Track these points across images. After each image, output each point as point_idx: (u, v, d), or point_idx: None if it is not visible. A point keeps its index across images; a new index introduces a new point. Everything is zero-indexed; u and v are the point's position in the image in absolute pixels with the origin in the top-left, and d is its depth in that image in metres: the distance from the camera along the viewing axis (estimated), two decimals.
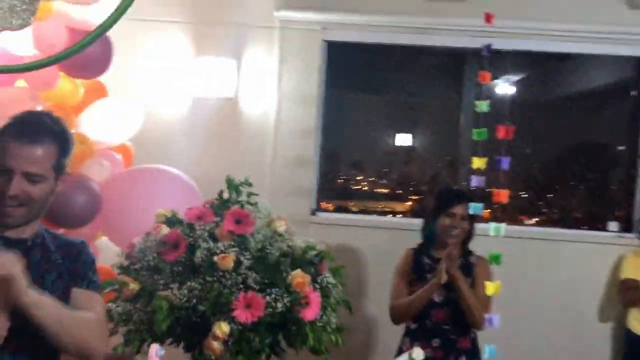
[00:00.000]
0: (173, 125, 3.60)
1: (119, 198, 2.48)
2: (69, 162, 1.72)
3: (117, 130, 2.73)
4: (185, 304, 1.71)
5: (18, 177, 1.55)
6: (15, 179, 1.54)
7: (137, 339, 1.78)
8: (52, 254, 1.68)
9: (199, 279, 1.75)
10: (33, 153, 1.56)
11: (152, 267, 1.84)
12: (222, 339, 1.66)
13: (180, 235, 1.84)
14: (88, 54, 2.53)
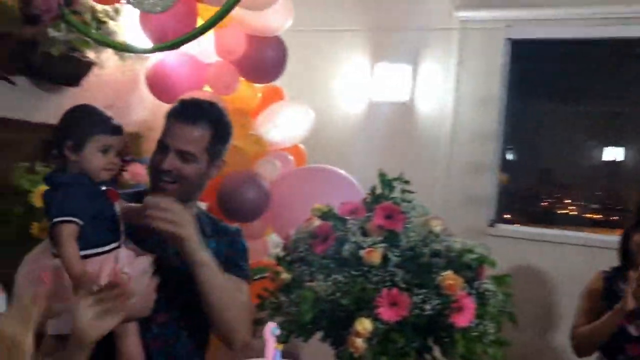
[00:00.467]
0: (348, 129, 3.65)
1: (287, 195, 2.57)
2: (225, 151, 1.81)
3: (289, 133, 2.84)
4: (330, 296, 1.67)
5: (172, 154, 1.69)
6: (169, 155, 1.68)
7: (285, 330, 1.78)
8: (207, 238, 1.78)
9: (344, 273, 1.70)
10: (187, 133, 1.70)
11: (303, 259, 1.84)
12: (364, 335, 1.59)
13: (330, 228, 1.82)
14: (264, 59, 2.69)
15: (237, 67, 2.67)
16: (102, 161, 1.52)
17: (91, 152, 1.50)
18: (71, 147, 1.51)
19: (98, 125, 1.53)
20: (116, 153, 1.56)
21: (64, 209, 1.44)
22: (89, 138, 1.50)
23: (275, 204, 2.59)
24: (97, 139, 1.51)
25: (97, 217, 1.49)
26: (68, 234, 1.43)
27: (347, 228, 1.84)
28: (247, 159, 2.64)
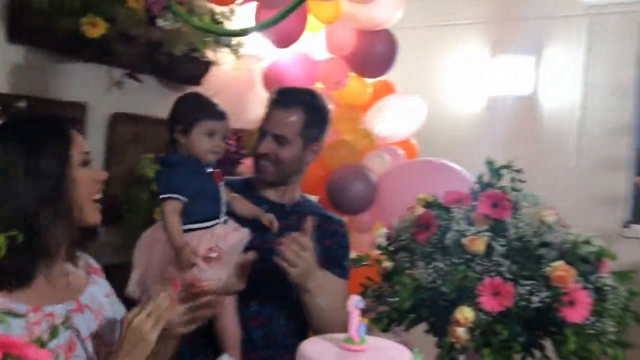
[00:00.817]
0: (465, 125, 3.54)
1: (396, 189, 2.55)
2: (322, 136, 1.85)
3: (399, 126, 2.81)
4: (430, 284, 1.63)
5: (269, 138, 1.77)
6: (266, 139, 1.76)
7: (386, 318, 1.77)
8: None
9: (446, 261, 1.65)
10: (281, 117, 1.77)
11: (405, 247, 1.82)
12: (465, 325, 1.53)
13: (432, 216, 1.78)
14: (374, 53, 2.69)
15: (347, 63, 2.69)
16: (208, 144, 1.62)
17: (198, 136, 1.61)
18: (180, 132, 1.63)
19: (204, 111, 1.64)
20: (221, 137, 1.65)
21: (169, 187, 1.57)
22: (196, 123, 1.61)
23: (384, 197, 2.58)
24: (203, 124, 1.62)
25: (200, 194, 1.60)
26: (171, 209, 1.55)
27: (450, 217, 1.79)
28: (356, 153, 2.65)
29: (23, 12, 1.92)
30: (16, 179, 1.24)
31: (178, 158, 1.62)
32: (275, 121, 1.79)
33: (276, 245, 1.68)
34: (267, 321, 1.74)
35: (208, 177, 1.65)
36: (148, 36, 2.30)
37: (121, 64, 2.25)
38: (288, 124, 1.79)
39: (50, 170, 1.27)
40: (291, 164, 1.84)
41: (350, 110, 2.77)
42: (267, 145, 1.78)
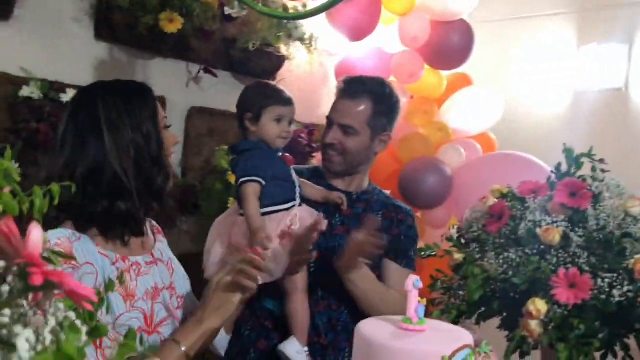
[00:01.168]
0: (549, 119, 3.37)
1: (472, 182, 2.47)
2: (391, 125, 1.82)
3: (476, 120, 2.73)
4: (501, 275, 1.57)
5: (335, 127, 1.75)
6: (333, 129, 1.75)
7: (455, 310, 1.72)
8: (375, 211, 1.80)
9: (518, 252, 1.58)
10: (348, 107, 1.76)
11: (476, 239, 1.76)
12: (538, 317, 1.46)
13: (505, 206, 1.71)
14: (449, 44, 2.63)
15: (421, 55, 2.65)
16: (277, 129, 1.66)
17: (267, 122, 1.66)
18: (250, 119, 1.67)
19: (272, 97, 1.67)
20: (288, 123, 1.69)
21: (247, 170, 1.61)
22: (265, 109, 1.65)
23: (460, 191, 2.51)
24: (271, 109, 1.65)
25: (276, 177, 1.64)
26: (251, 192, 1.59)
27: (525, 207, 1.71)
28: (430, 146, 2.60)
29: (108, 11, 2.04)
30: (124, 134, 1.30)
31: (250, 144, 1.67)
32: (342, 111, 1.78)
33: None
34: (332, 307, 1.73)
35: (280, 160, 1.69)
36: (223, 32, 2.38)
37: (198, 60, 2.33)
38: (355, 114, 1.78)
39: (150, 129, 1.34)
40: (358, 154, 1.82)
41: (425, 103, 2.72)
42: (333, 135, 1.78)
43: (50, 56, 1.98)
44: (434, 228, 2.57)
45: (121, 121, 1.31)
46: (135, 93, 1.37)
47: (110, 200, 1.27)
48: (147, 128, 1.33)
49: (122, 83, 1.44)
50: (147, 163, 1.32)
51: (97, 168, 1.28)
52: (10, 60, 1.87)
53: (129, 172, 1.29)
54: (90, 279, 1.23)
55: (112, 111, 1.31)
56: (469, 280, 1.63)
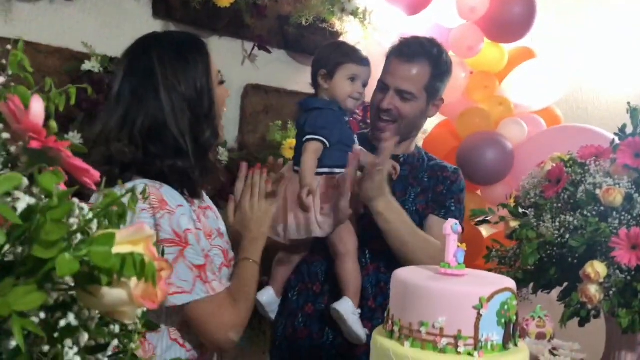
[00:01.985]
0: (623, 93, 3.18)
1: (534, 157, 2.35)
2: (443, 89, 1.76)
3: (539, 94, 2.61)
4: (558, 239, 1.50)
5: (392, 92, 1.70)
6: (389, 94, 1.70)
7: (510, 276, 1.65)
8: (420, 173, 1.76)
9: (576, 215, 1.51)
10: (406, 71, 1.69)
11: (533, 204, 1.69)
12: (596, 281, 1.38)
13: (562, 169, 1.63)
14: (510, 16, 2.53)
15: (480, 28, 2.56)
16: (350, 89, 1.63)
17: (340, 80, 1.63)
18: (324, 75, 1.65)
19: (347, 55, 1.65)
20: (362, 84, 1.65)
21: (316, 129, 1.60)
22: (339, 66, 1.63)
23: (522, 166, 2.40)
24: (346, 67, 1.63)
25: (341, 141, 1.62)
26: (314, 149, 1.59)
27: (585, 170, 1.63)
28: (491, 121, 2.51)
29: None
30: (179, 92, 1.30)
31: (322, 102, 1.65)
32: (399, 75, 1.71)
33: None
34: (380, 270, 1.70)
35: (347, 125, 1.67)
36: (277, 9, 2.39)
37: (253, 37, 2.35)
38: (414, 79, 1.71)
39: (203, 85, 1.34)
40: (414, 120, 1.78)
41: (485, 78, 2.63)
42: (390, 100, 1.71)
43: (111, 33, 2.06)
44: (494, 205, 2.48)
45: (176, 78, 1.31)
46: (190, 47, 1.36)
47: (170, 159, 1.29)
48: (201, 83, 1.33)
49: (177, 36, 1.44)
50: (199, 119, 1.33)
51: (155, 126, 1.28)
52: (74, 36, 1.96)
53: (185, 132, 1.30)
54: (187, 219, 1.27)
55: (167, 67, 1.31)
56: (524, 245, 1.57)
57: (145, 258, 0.41)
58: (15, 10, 1.87)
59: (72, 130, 1.83)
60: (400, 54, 1.74)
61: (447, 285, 0.91)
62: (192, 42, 1.39)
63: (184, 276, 1.22)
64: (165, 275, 0.45)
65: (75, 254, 0.37)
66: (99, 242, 0.39)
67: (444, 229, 0.98)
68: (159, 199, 1.24)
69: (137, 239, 0.42)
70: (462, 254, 0.96)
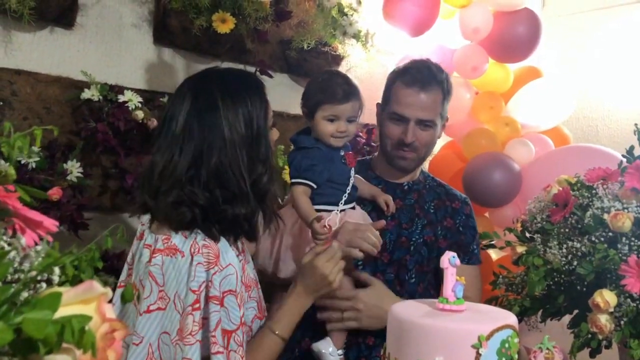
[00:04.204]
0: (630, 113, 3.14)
1: (542, 178, 2.31)
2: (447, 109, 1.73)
3: (546, 114, 2.57)
4: (565, 266, 1.45)
5: (412, 124, 1.64)
6: (410, 126, 1.63)
7: (517, 305, 1.60)
8: (427, 202, 1.71)
9: (583, 241, 1.46)
10: (424, 101, 1.64)
11: (539, 229, 1.64)
12: (606, 310, 1.33)
13: (569, 193, 1.59)
14: (514, 36, 2.51)
15: (485, 48, 2.54)
16: (330, 128, 1.55)
17: (319, 120, 1.56)
18: (306, 114, 1.60)
19: (325, 93, 1.56)
20: (348, 120, 1.56)
21: (301, 171, 1.55)
22: (318, 107, 1.56)
23: (529, 188, 2.36)
24: (324, 108, 1.55)
25: (331, 180, 1.56)
26: (301, 192, 1.54)
27: (593, 194, 1.58)
28: (497, 142, 2.47)
29: (165, 16, 2.09)
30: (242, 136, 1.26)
31: (309, 141, 1.59)
32: (418, 106, 1.65)
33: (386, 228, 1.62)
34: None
35: (340, 161, 1.60)
36: (278, 33, 2.38)
37: (254, 62, 2.34)
38: (432, 107, 1.66)
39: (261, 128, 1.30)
40: (431, 147, 1.75)
41: (491, 98, 2.60)
42: (412, 133, 1.65)
43: (111, 61, 2.05)
44: (502, 228, 2.43)
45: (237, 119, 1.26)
46: (250, 88, 1.31)
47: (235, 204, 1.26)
48: (259, 125, 1.28)
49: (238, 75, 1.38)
50: (256, 162, 1.28)
51: (221, 169, 1.25)
52: (74, 65, 1.96)
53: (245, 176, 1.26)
54: (232, 280, 1.24)
55: (229, 107, 1.26)
56: (530, 273, 1.52)
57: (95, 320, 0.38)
58: (15, 40, 1.88)
59: (71, 158, 1.82)
60: (412, 83, 1.67)
61: (445, 323, 0.87)
62: (253, 82, 1.35)
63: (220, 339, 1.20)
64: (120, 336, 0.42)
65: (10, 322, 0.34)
66: (42, 304, 0.36)
67: (442, 261, 0.94)
68: (215, 254, 1.23)
69: (88, 298, 0.40)
70: (460, 288, 0.92)
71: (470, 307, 0.95)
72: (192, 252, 1.22)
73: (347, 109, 1.56)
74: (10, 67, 1.85)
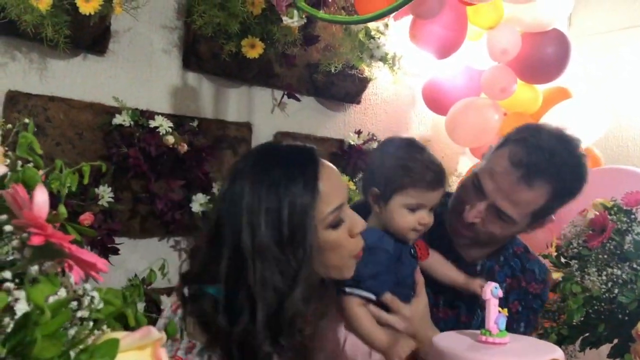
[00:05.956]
0: None
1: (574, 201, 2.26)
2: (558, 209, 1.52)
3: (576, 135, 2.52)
4: (605, 293, 1.41)
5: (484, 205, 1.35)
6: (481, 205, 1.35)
7: (554, 334, 1.56)
8: (500, 283, 1.24)
9: (624, 268, 1.42)
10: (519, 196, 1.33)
11: (576, 255, 1.60)
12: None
13: (607, 218, 1.55)
14: (543, 57, 2.48)
15: (513, 69, 2.52)
16: (411, 220, 1.22)
17: (396, 208, 1.22)
18: (375, 196, 1.25)
19: (413, 175, 1.22)
20: (429, 210, 1.24)
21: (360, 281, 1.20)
22: (399, 191, 1.22)
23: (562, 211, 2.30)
24: (408, 194, 1.21)
25: (398, 283, 1.26)
26: (358, 303, 1.22)
27: (632, 219, 1.54)
28: None
29: (195, 42, 2.12)
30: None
31: (375, 235, 1.22)
32: (509, 197, 1.32)
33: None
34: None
35: (408, 258, 1.27)
36: (306, 57, 2.39)
37: (282, 86, 2.35)
38: (524, 205, 1.34)
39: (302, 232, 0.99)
40: (501, 239, 1.45)
41: (520, 119, 2.57)
42: (478, 213, 1.34)
43: (142, 86, 2.08)
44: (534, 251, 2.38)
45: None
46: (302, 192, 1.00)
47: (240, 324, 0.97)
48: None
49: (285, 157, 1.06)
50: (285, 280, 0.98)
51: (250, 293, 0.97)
52: (106, 91, 1.99)
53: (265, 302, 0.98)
54: None
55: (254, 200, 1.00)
56: (568, 300, 1.48)
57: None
58: (49, 67, 1.91)
59: (103, 184, 1.83)
60: (519, 165, 1.32)
61: (487, 357, 0.84)
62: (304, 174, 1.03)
63: None
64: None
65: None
66: (100, 352, 0.36)
67: (484, 292, 0.91)
68: None
69: (144, 344, 0.39)
70: (503, 320, 0.89)
71: (514, 339, 0.92)
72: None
73: (435, 197, 1.24)
74: (44, 94, 1.88)
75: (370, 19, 1.75)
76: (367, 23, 2.23)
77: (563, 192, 1.40)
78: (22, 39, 1.79)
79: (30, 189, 0.45)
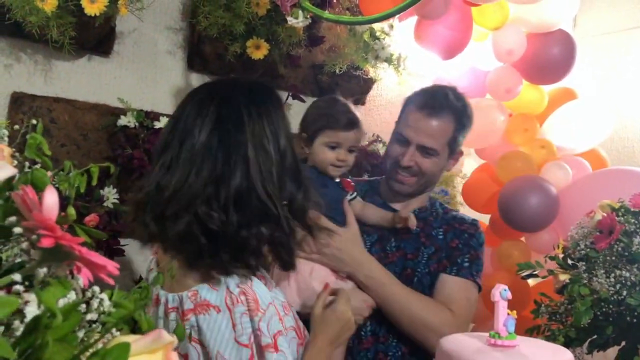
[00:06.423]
0: None
1: (580, 202, 2.25)
2: (463, 141, 1.68)
3: (583, 136, 2.52)
4: (614, 296, 1.40)
5: (413, 148, 1.62)
6: (410, 150, 1.62)
7: (562, 336, 1.55)
8: (434, 229, 1.66)
9: (632, 269, 1.41)
10: (430, 127, 1.61)
11: (584, 257, 1.59)
12: None
13: (614, 220, 1.54)
14: (548, 57, 2.47)
15: (518, 70, 2.50)
16: (330, 156, 1.51)
17: (319, 146, 1.51)
18: (305, 140, 1.55)
19: (329, 118, 1.52)
20: (347, 150, 1.53)
21: None
22: (319, 132, 1.51)
23: (567, 212, 2.30)
24: (326, 134, 1.51)
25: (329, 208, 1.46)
26: None
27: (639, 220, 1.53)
28: (533, 165, 2.42)
29: (199, 43, 2.12)
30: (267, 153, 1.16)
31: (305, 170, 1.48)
32: (423, 131, 1.61)
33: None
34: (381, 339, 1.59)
35: (333, 188, 1.55)
36: (310, 58, 2.39)
37: (287, 87, 2.35)
38: (438, 135, 1.61)
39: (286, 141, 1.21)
40: (433, 176, 1.69)
41: (525, 120, 2.56)
42: (411, 157, 1.62)
43: (147, 88, 2.08)
44: (540, 253, 2.37)
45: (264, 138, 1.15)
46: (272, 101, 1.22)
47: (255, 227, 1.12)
48: (284, 140, 1.19)
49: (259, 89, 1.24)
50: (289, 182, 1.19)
51: (241, 194, 1.12)
52: (110, 92, 1.99)
53: (273, 196, 1.14)
54: (276, 320, 1.13)
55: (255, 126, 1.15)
56: (576, 302, 1.47)
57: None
58: (54, 68, 1.91)
59: (108, 185, 1.83)
60: (423, 107, 1.62)
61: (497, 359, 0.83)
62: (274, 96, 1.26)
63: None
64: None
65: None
66: (111, 355, 0.35)
67: (492, 295, 0.90)
68: (254, 299, 1.11)
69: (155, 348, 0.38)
70: (512, 322, 0.89)
71: (523, 342, 0.92)
72: (228, 305, 1.10)
73: (349, 137, 1.53)
74: (49, 95, 1.88)
75: (376, 20, 1.76)
76: (372, 24, 2.22)
77: (462, 120, 1.65)
78: (27, 41, 1.79)
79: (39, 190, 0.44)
